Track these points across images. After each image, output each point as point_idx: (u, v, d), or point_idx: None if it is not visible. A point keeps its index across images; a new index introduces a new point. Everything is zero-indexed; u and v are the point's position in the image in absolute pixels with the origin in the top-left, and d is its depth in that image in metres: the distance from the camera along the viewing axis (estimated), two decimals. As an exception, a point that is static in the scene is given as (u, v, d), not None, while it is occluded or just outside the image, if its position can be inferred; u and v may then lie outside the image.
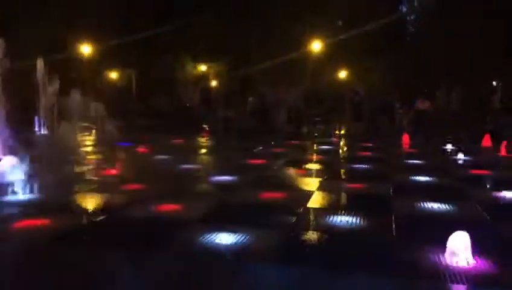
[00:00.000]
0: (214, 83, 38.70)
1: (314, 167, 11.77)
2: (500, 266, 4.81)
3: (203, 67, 38.80)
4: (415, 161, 12.42)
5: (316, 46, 33.59)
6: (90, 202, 7.84)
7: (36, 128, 20.80)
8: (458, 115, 24.60)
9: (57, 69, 20.54)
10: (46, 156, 13.01)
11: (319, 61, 33.89)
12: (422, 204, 7.43)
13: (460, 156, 12.62)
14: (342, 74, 36.40)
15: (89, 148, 15.86)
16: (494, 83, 28.83)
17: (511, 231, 6.26)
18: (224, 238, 5.55)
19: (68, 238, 5.79)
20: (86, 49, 34.05)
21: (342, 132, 23.13)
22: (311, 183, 9.51)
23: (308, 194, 8.25)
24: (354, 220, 6.50)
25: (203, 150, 16.37)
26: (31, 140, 15.31)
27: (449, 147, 14.20)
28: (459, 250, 4.81)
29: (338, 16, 35.90)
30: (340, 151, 16.16)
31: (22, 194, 7.77)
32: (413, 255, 5.09)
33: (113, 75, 38.53)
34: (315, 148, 16.03)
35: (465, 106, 26.50)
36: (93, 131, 22.20)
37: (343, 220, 6.53)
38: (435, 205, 7.30)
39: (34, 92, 19.60)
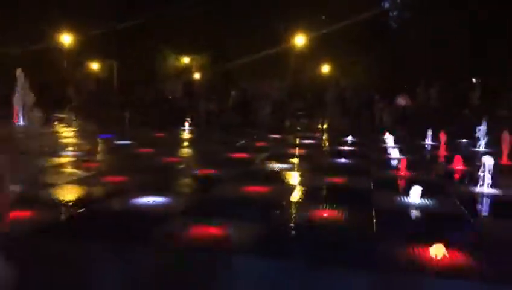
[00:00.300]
0: (196, 76, 38.44)
1: (296, 161, 11.82)
2: (477, 259, 4.92)
3: (186, 60, 38.49)
4: (396, 156, 12.57)
5: (300, 40, 33.62)
6: (71, 195, 7.74)
7: (16, 121, 20.63)
8: (438, 111, 24.94)
9: (38, 62, 20.24)
10: (24, 148, 12.82)
11: (302, 55, 33.97)
12: (402, 199, 7.54)
13: None
14: (325, 68, 36.57)
15: (68, 140, 15.63)
16: (473, 80, 29.33)
17: (487, 224, 6.42)
18: (206, 231, 5.55)
19: (50, 231, 5.73)
20: (66, 39, 33.42)
21: (325, 126, 23.26)
22: (293, 177, 9.58)
23: (291, 188, 8.31)
24: (336, 214, 6.57)
25: (185, 143, 16.30)
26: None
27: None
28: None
29: (322, 10, 35.97)
30: (323, 145, 16.27)
31: None
32: (392, 249, 5.17)
33: (94, 66, 37.94)
34: (298, 142, 16.10)
35: (443, 102, 26.87)
36: (73, 123, 21.92)
37: (324, 214, 6.59)
38: (415, 200, 7.42)
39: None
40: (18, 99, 19.34)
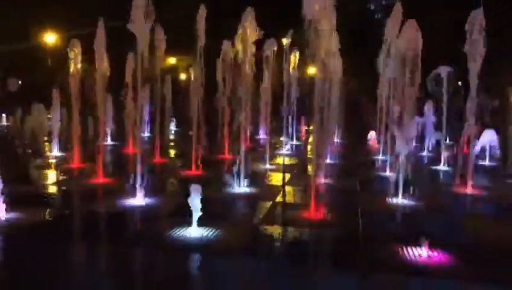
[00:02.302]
0: (183, 77, 38.19)
1: (284, 162, 11.87)
2: (460, 258, 5.02)
3: (172, 60, 38.22)
4: (381, 158, 12.69)
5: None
6: (57, 196, 7.71)
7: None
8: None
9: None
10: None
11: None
12: (387, 199, 7.64)
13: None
14: (312, 70, 36.65)
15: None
16: (459, 83, 29.55)
17: (471, 224, 6.55)
18: (193, 232, 5.56)
19: (35, 231, 5.70)
20: (51, 38, 32.91)
21: (311, 127, 23.32)
22: (280, 178, 9.63)
23: (277, 189, 8.37)
24: (322, 214, 6.63)
25: (172, 144, 16.21)
26: None
27: None
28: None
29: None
30: (309, 147, 16.32)
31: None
32: (377, 249, 5.26)
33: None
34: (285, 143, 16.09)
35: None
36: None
37: (311, 214, 6.64)
38: (400, 200, 7.52)
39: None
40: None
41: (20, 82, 26.59)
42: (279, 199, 7.79)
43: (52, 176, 9.67)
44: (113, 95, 13.84)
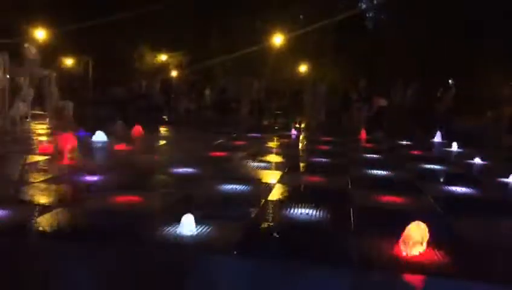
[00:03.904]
0: (174, 74, 38.10)
1: (275, 159, 11.87)
2: (452, 256, 5.03)
3: (163, 57, 38.10)
4: (372, 156, 12.75)
5: (277, 39, 33.74)
6: (45, 193, 7.60)
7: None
8: (412, 112, 25.35)
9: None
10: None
11: (280, 55, 34.07)
12: (379, 197, 7.65)
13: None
14: (303, 68, 36.75)
15: (43, 137, 15.31)
16: (450, 81, 29.74)
17: (461, 223, 6.57)
18: (185, 231, 5.51)
19: (22, 230, 5.60)
20: (40, 34, 32.59)
21: (302, 125, 23.41)
22: (272, 176, 9.60)
23: (269, 187, 8.34)
24: (313, 212, 6.62)
25: (163, 141, 16.16)
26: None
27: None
28: (414, 240, 4.98)
29: (300, 10, 36.15)
30: (301, 144, 16.36)
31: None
32: (370, 247, 5.25)
33: (69, 61, 37.13)
34: (276, 141, 16.15)
35: (418, 102, 27.25)
36: (48, 119, 21.46)
37: (302, 212, 6.63)
38: (391, 198, 7.55)
39: None
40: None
41: None
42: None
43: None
44: None
